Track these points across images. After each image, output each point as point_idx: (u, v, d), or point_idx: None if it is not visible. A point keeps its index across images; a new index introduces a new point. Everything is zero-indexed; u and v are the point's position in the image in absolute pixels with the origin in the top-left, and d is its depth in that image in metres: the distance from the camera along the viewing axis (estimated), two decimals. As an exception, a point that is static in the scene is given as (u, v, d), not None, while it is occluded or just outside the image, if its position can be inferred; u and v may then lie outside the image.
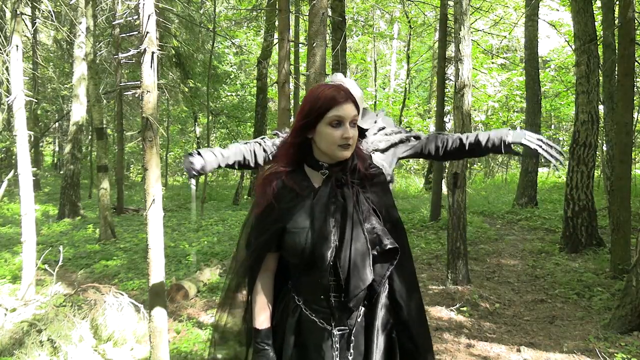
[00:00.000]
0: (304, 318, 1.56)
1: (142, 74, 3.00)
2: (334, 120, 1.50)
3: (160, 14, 8.63)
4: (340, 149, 1.51)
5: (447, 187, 6.18)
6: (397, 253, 1.53)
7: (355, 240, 1.49)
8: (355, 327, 1.55)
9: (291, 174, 1.58)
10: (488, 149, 1.96)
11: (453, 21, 5.78)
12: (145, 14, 2.98)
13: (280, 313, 1.60)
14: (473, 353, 3.87)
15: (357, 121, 1.58)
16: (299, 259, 1.52)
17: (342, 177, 1.55)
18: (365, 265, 1.50)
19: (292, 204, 1.54)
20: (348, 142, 1.50)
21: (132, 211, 11.77)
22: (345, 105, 1.51)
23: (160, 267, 3.04)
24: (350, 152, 1.53)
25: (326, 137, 1.51)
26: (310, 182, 1.58)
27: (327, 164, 1.57)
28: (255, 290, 1.60)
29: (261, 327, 1.57)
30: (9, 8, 5.07)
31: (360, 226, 1.51)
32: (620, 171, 5.43)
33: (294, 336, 1.56)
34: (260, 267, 1.61)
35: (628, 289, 4.07)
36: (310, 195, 1.55)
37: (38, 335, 3.59)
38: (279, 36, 5.22)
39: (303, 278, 1.56)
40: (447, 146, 2.05)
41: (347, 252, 1.48)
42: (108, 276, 6.24)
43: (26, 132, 4.92)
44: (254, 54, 15.98)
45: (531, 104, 10.27)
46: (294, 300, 1.58)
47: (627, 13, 5.34)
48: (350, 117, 1.51)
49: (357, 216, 1.52)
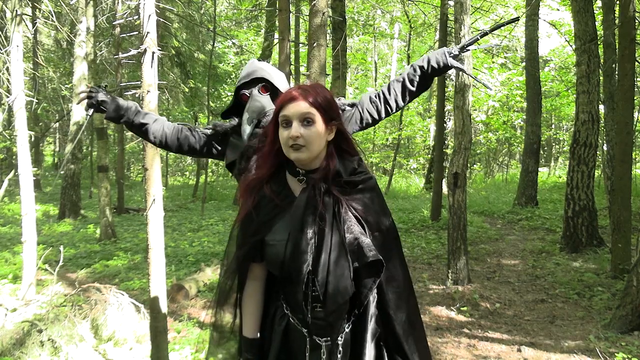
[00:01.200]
0: (291, 327, 1.51)
1: (143, 74, 3.00)
2: (282, 120, 1.44)
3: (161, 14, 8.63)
4: (291, 150, 1.41)
5: (447, 186, 6.18)
6: (382, 266, 1.43)
7: (333, 251, 1.41)
8: (344, 337, 1.50)
9: (271, 182, 1.51)
10: (427, 73, 1.98)
11: (453, 21, 5.78)
12: (145, 14, 2.98)
13: (269, 321, 1.57)
14: (473, 353, 3.87)
15: (314, 119, 1.42)
16: (279, 271, 1.47)
17: (321, 184, 1.44)
18: (345, 278, 1.41)
19: (271, 215, 1.48)
20: (296, 141, 1.39)
21: (132, 211, 11.78)
22: (290, 104, 1.42)
23: (161, 267, 3.04)
24: (303, 155, 1.41)
25: (280, 138, 1.45)
26: (290, 190, 1.51)
27: (304, 170, 1.47)
28: (244, 297, 1.57)
29: (248, 336, 1.55)
30: (9, 8, 5.06)
31: (339, 237, 1.42)
32: (620, 171, 5.42)
33: (280, 345, 1.52)
34: (247, 276, 1.56)
35: (628, 289, 4.07)
36: (289, 205, 1.47)
37: (39, 335, 3.59)
38: (279, 36, 5.22)
39: (285, 289, 1.52)
40: (386, 97, 2.02)
41: (325, 265, 1.40)
42: (109, 276, 6.24)
43: (27, 132, 4.92)
44: (254, 54, 15.98)
45: (532, 104, 10.27)
46: (282, 308, 1.53)
47: (627, 13, 5.33)
48: (297, 115, 1.41)
49: (337, 226, 1.43)
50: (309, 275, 1.42)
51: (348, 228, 1.44)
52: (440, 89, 10.03)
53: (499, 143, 17.87)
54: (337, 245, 1.42)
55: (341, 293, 1.42)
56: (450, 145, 12.08)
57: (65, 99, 15.95)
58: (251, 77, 2.09)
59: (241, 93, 2.11)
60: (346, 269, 1.42)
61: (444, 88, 10.25)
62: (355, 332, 1.53)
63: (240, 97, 2.12)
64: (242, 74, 2.14)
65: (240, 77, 2.14)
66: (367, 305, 1.50)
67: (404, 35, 19.41)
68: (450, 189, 5.57)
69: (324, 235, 1.42)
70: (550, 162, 20.31)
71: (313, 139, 1.41)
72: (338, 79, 7.52)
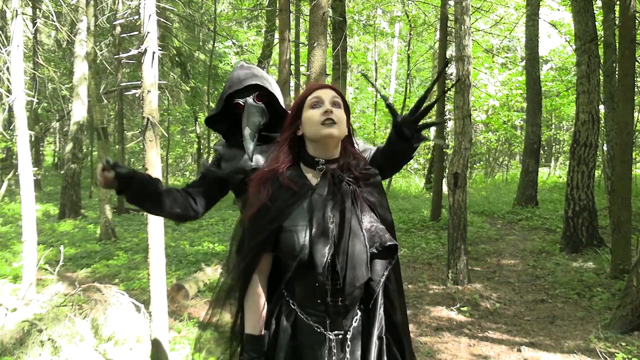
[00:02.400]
0: (299, 322, 1.51)
1: (143, 74, 3.00)
2: (313, 101, 1.54)
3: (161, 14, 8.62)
4: (324, 126, 1.50)
5: (447, 187, 6.18)
6: (396, 251, 1.51)
7: (353, 237, 1.46)
8: (352, 331, 1.52)
9: (287, 171, 1.55)
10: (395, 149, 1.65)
11: (453, 21, 5.78)
12: (145, 13, 2.99)
13: (274, 317, 1.54)
14: (473, 353, 3.87)
15: (341, 105, 1.56)
16: (295, 259, 1.46)
17: (339, 173, 1.52)
18: (363, 263, 1.47)
19: (289, 202, 1.50)
20: (330, 116, 1.50)
21: (132, 211, 11.78)
22: (321, 89, 1.57)
23: (161, 266, 3.04)
24: (336, 131, 1.50)
25: (310, 119, 1.53)
26: (307, 179, 1.55)
27: (323, 159, 1.55)
28: (248, 293, 1.54)
29: (253, 333, 1.52)
30: (9, 8, 5.06)
31: (358, 223, 1.49)
32: (620, 171, 5.42)
33: (289, 341, 1.50)
34: (255, 269, 1.54)
35: (628, 289, 4.07)
36: (307, 193, 1.51)
37: (39, 335, 3.59)
38: (280, 36, 5.23)
39: (298, 280, 1.50)
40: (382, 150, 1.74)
41: (345, 249, 1.44)
42: (109, 276, 6.24)
43: (27, 131, 4.93)
44: (254, 54, 15.99)
45: (532, 104, 10.26)
46: (289, 304, 1.53)
47: (627, 13, 5.33)
48: (330, 97, 1.54)
49: (356, 212, 1.49)
50: (331, 258, 1.45)
51: (364, 215, 1.52)
52: (440, 89, 10.02)
53: (499, 143, 17.86)
54: (356, 230, 1.47)
55: (358, 277, 1.47)
56: (450, 145, 12.08)
57: (65, 99, 15.95)
58: (245, 85, 1.95)
59: (235, 102, 1.97)
60: (365, 254, 1.47)
61: (444, 88, 10.24)
62: (363, 326, 1.55)
63: (234, 106, 1.98)
64: (234, 79, 1.99)
65: (232, 82, 1.99)
66: (377, 296, 1.54)
67: (405, 35, 19.41)
68: (450, 189, 5.57)
69: (344, 219, 1.47)
70: (551, 162, 20.31)
71: (342, 119, 1.53)
72: (338, 79, 7.52)
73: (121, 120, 11.56)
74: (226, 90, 1.99)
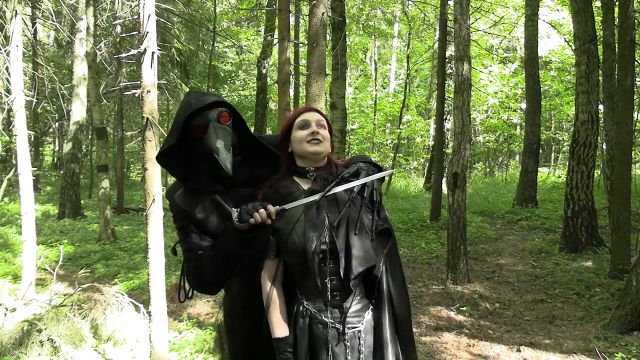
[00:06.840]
0: (314, 321, 1.62)
1: (142, 74, 3.00)
2: (301, 123, 1.71)
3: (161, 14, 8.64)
4: (309, 144, 1.67)
5: (447, 187, 6.18)
6: (389, 234, 1.63)
7: (350, 224, 1.58)
8: (365, 325, 1.61)
9: (281, 180, 1.71)
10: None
11: (453, 21, 5.78)
12: (145, 13, 2.98)
13: (292, 320, 1.66)
14: (473, 352, 3.87)
15: (326, 126, 1.73)
16: (295, 255, 1.59)
17: (328, 176, 1.67)
18: (361, 249, 1.56)
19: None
20: (316, 136, 1.67)
21: (132, 211, 11.77)
22: (308, 112, 1.75)
23: (161, 266, 3.04)
24: (321, 148, 1.68)
25: (297, 138, 1.70)
26: (300, 185, 1.70)
27: (313, 167, 1.70)
28: (269, 301, 1.65)
29: (282, 336, 1.62)
30: (9, 8, 5.06)
31: (354, 212, 1.61)
32: (620, 171, 5.43)
33: (306, 339, 1.62)
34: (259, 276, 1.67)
35: (628, 289, 4.08)
36: (301, 195, 1.65)
37: (38, 335, 3.59)
38: (279, 36, 5.22)
39: (305, 278, 1.62)
40: None
41: (343, 233, 1.57)
42: (108, 276, 6.24)
43: (26, 131, 4.92)
44: (254, 54, 15.98)
45: (531, 104, 10.26)
46: (303, 305, 1.65)
47: (627, 13, 5.33)
48: (315, 120, 1.71)
49: (349, 203, 1.62)
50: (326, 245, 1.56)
51: (356, 207, 1.64)
52: (440, 89, 10.03)
53: (498, 143, 17.85)
54: (351, 218, 1.60)
55: (363, 258, 1.56)
56: (450, 145, 12.08)
57: (65, 99, 15.93)
58: (207, 102, 1.66)
59: (195, 123, 1.65)
60: (367, 241, 1.59)
61: (444, 88, 10.24)
62: (374, 320, 1.64)
63: (193, 129, 1.66)
64: (190, 102, 1.69)
65: (187, 105, 1.67)
66: (381, 286, 1.64)
67: (404, 35, 19.41)
68: (450, 189, 5.57)
69: (339, 210, 1.61)
70: (550, 162, 20.31)
71: (327, 138, 1.72)
72: (338, 79, 7.52)
73: (121, 120, 11.55)
74: (181, 114, 1.66)
